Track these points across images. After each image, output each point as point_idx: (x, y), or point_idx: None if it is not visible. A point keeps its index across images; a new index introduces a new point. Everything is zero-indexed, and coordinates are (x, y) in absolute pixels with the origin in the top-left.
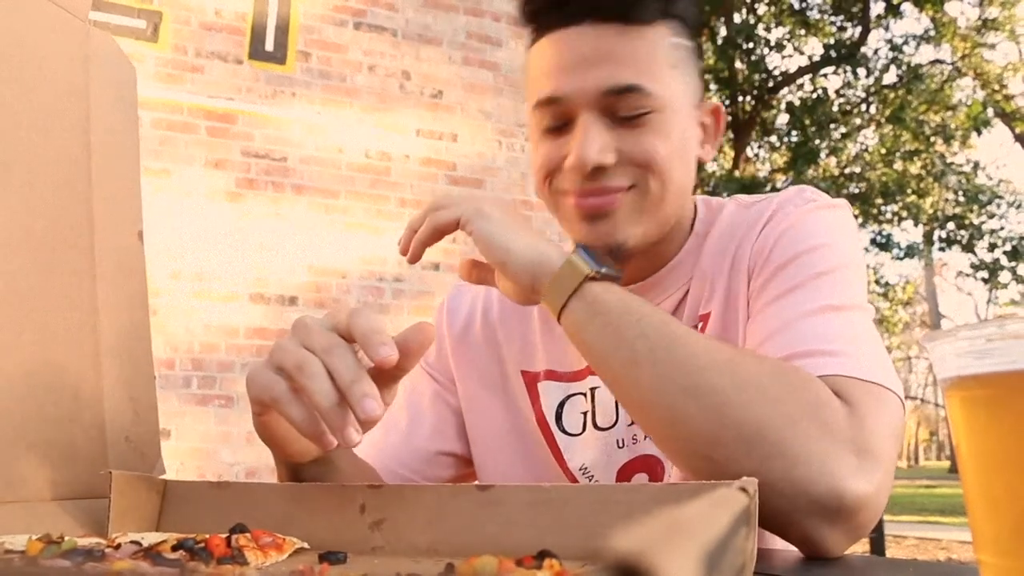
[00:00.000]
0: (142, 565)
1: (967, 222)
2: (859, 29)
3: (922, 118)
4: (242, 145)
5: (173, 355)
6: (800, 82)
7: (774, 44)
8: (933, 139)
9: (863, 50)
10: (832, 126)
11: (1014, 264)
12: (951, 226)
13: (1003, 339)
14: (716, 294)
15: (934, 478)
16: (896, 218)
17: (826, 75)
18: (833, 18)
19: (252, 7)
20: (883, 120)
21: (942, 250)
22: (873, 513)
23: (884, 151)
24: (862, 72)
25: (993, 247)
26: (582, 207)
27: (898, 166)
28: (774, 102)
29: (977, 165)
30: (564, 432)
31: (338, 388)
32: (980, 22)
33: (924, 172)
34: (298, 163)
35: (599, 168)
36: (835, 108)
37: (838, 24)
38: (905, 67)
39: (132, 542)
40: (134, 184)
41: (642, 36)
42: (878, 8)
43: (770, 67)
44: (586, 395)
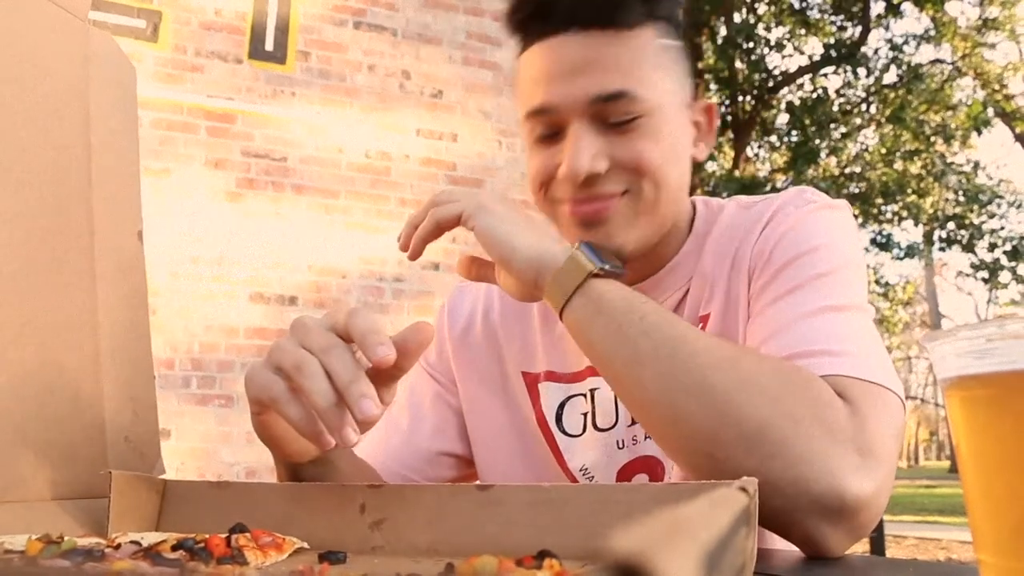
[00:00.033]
0: (142, 565)
1: (967, 222)
2: (859, 29)
3: (922, 118)
4: (242, 145)
5: (173, 355)
6: (800, 82)
7: (774, 44)
8: (933, 139)
9: (863, 50)
10: (832, 126)
11: (1014, 264)
12: (951, 226)
13: (1003, 339)
14: (716, 295)
15: (934, 478)
16: (896, 218)
17: (826, 75)
18: (833, 18)
19: (252, 7)
20: (883, 120)
21: (942, 250)
22: (874, 513)
23: (884, 151)
24: (862, 72)
25: (993, 247)
26: (577, 214)
27: (898, 166)
28: (774, 102)
29: (977, 165)
30: (564, 433)
31: (336, 388)
32: (980, 22)
33: (924, 172)
34: (298, 163)
35: (592, 176)
36: (835, 108)
37: (838, 24)
38: (905, 67)
39: (132, 542)
40: (134, 184)
41: (628, 41)
42: (878, 8)
43: (770, 67)
44: (586, 396)
